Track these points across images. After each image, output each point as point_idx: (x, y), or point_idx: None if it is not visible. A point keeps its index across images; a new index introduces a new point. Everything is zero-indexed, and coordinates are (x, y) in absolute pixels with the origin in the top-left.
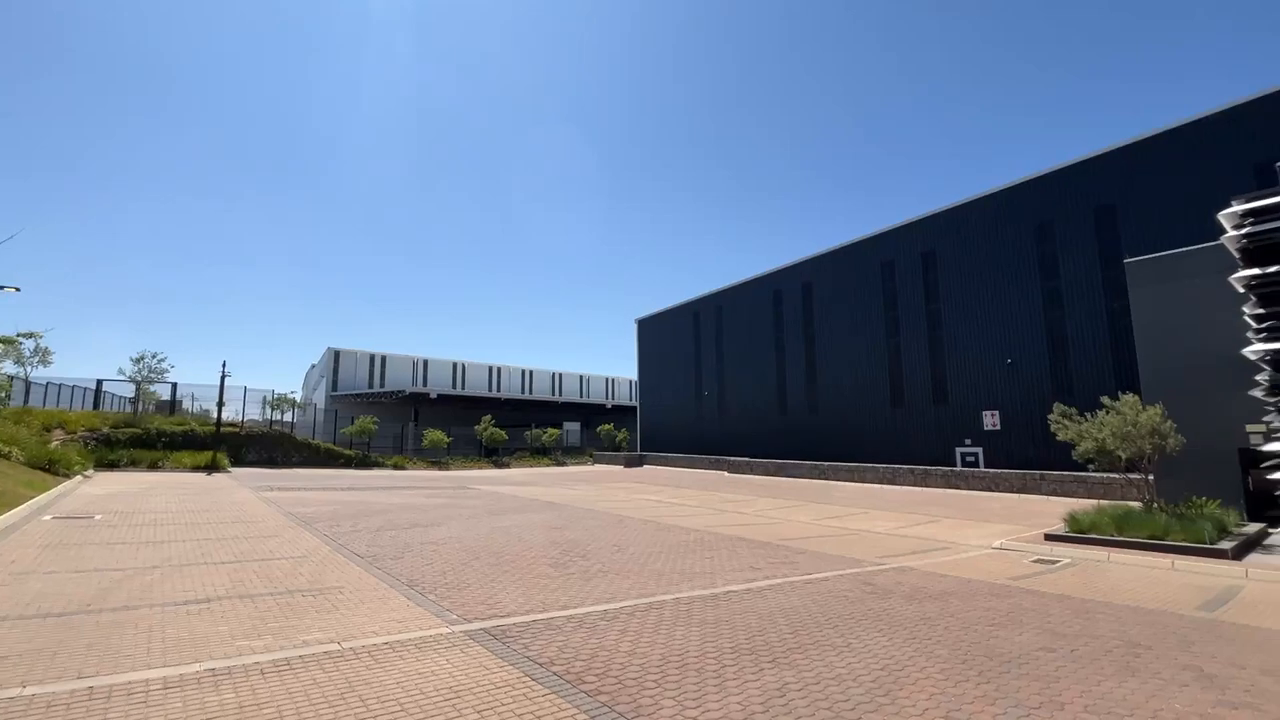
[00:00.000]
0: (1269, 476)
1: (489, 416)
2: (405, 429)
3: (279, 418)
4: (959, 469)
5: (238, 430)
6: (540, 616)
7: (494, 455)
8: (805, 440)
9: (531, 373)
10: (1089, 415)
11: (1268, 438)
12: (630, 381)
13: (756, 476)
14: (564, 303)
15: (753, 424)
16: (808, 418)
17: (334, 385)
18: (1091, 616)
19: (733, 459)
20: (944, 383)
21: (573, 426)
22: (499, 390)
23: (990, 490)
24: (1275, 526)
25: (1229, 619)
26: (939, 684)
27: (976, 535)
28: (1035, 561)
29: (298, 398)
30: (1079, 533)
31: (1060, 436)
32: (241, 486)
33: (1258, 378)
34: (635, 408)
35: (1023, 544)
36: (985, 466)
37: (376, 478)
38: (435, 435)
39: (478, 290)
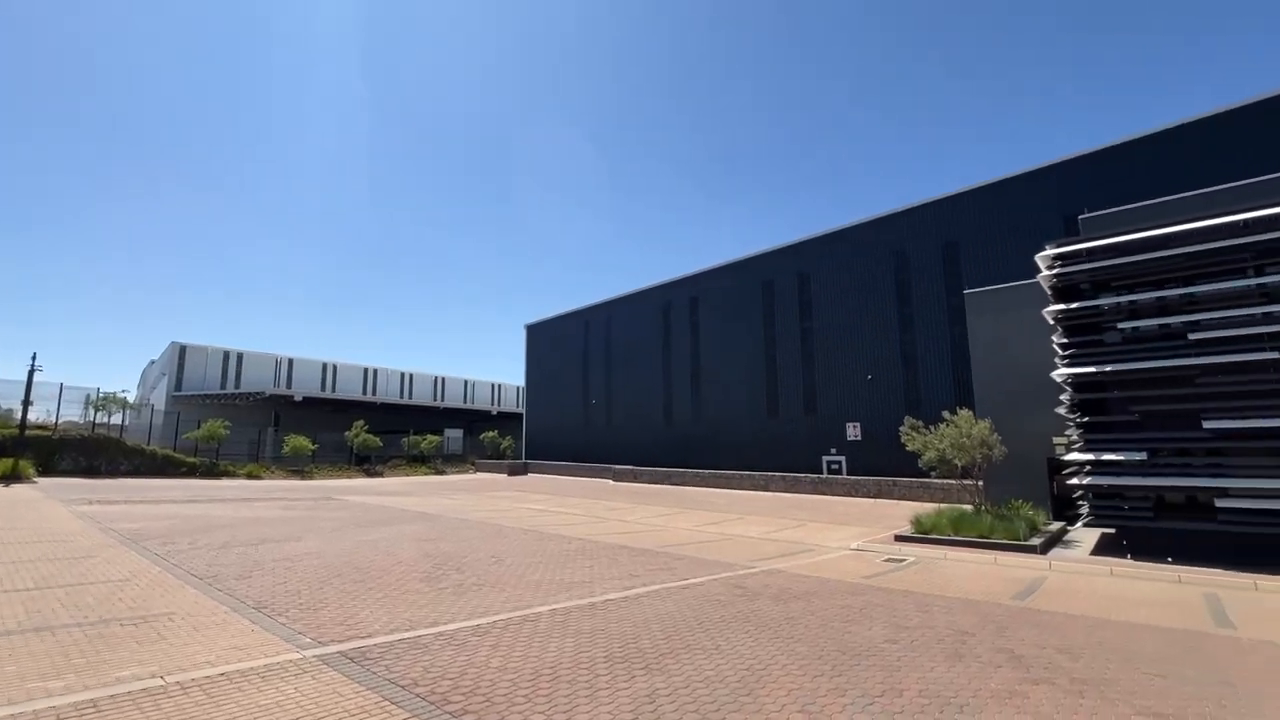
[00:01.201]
0: (1068, 482)
1: (361, 421)
2: (263, 435)
3: (105, 420)
4: (824, 476)
5: (49, 434)
6: (406, 635)
7: (366, 464)
8: (689, 449)
9: (411, 376)
10: (933, 428)
11: (1068, 449)
12: (517, 388)
13: (641, 484)
14: (452, 306)
15: (639, 433)
16: (692, 427)
17: (178, 384)
18: (929, 610)
19: (618, 467)
20: (814, 395)
21: (455, 433)
22: (374, 394)
23: (851, 495)
24: (1073, 524)
25: (1035, 606)
26: (797, 679)
27: (837, 537)
28: (886, 561)
29: (130, 398)
30: (922, 534)
31: (909, 446)
32: (50, 499)
33: (1062, 397)
34: (521, 415)
35: (876, 545)
36: (847, 474)
37: (225, 488)
38: (298, 441)
39: (364, 291)
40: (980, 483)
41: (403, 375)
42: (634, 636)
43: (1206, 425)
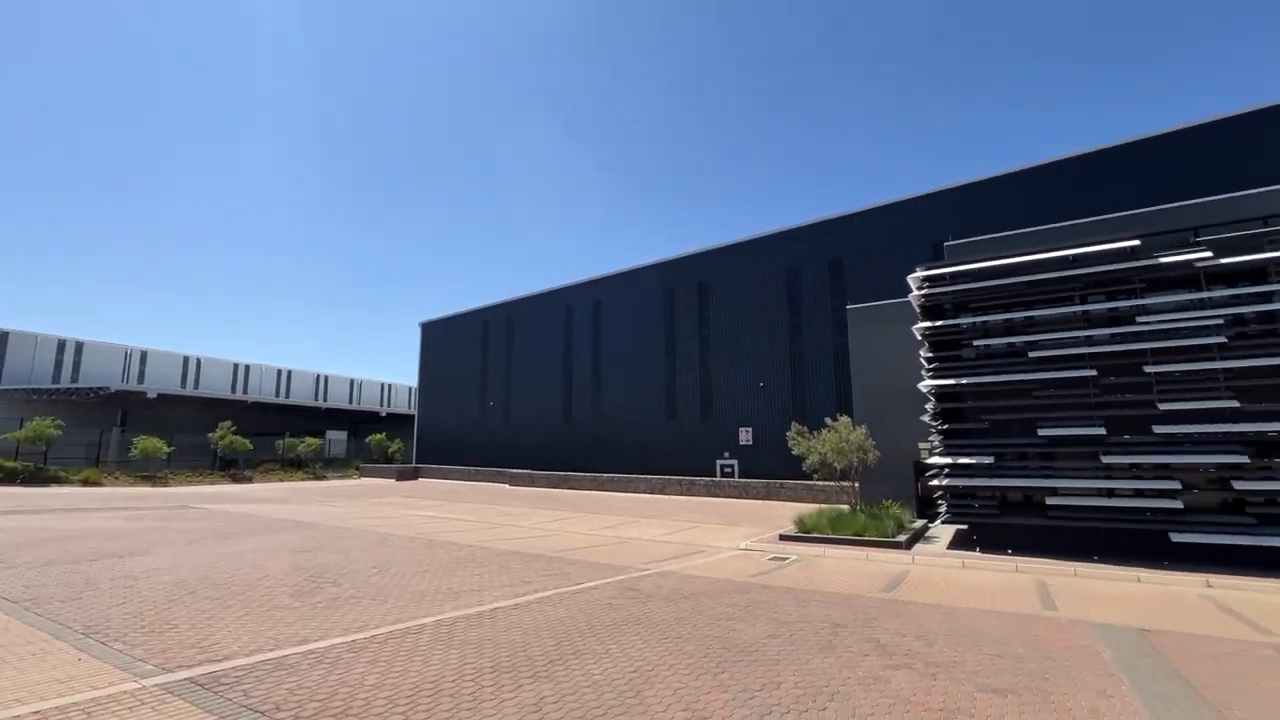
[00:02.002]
0: (930, 483)
1: (228, 422)
2: (106, 436)
3: None
4: (718, 479)
5: None
6: (270, 656)
7: (232, 468)
8: (590, 452)
9: (289, 373)
10: (817, 433)
11: (930, 453)
12: (410, 388)
13: (539, 489)
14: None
15: (539, 436)
16: (593, 430)
17: None
18: (808, 605)
19: (515, 471)
20: (710, 400)
21: (338, 436)
22: (245, 392)
23: (742, 497)
24: (933, 522)
25: (900, 597)
26: (683, 679)
27: (728, 538)
28: (771, 559)
29: None
30: (804, 533)
31: (795, 450)
32: None
33: (927, 406)
34: (413, 416)
35: (763, 544)
36: (739, 476)
37: (55, 496)
38: (149, 444)
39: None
40: (856, 484)
41: (279, 372)
42: (523, 645)
43: (1041, 433)
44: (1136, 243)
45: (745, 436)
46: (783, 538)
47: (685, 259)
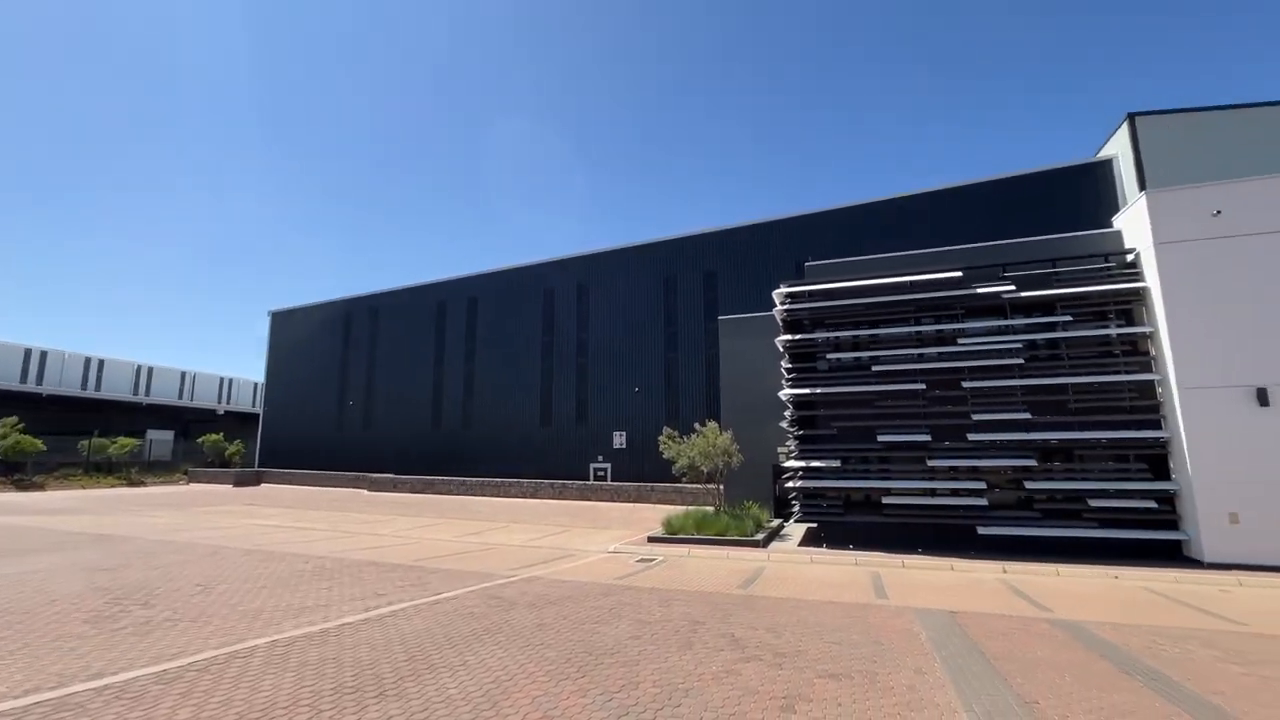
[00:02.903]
0: (786, 485)
1: (14, 419)
2: None
3: None
4: (591, 482)
5: None
6: (51, 695)
7: (17, 473)
8: (459, 456)
9: (102, 362)
10: (687, 438)
11: (787, 457)
12: (255, 384)
13: (403, 494)
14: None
15: (404, 439)
16: (463, 433)
17: None
18: (670, 604)
19: (376, 476)
20: (587, 404)
21: (162, 436)
22: (40, 383)
23: (614, 501)
24: (788, 521)
25: (755, 593)
26: (543, 685)
27: (598, 541)
28: (638, 561)
29: None
30: (671, 534)
31: (665, 454)
32: None
33: (785, 413)
34: (258, 415)
35: (631, 546)
36: (612, 480)
37: None
38: None
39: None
40: (721, 487)
41: (88, 361)
42: (371, 662)
43: (880, 439)
44: (959, 274)
45: (619, 440)
46: (651, 539)
47: (567, 260)
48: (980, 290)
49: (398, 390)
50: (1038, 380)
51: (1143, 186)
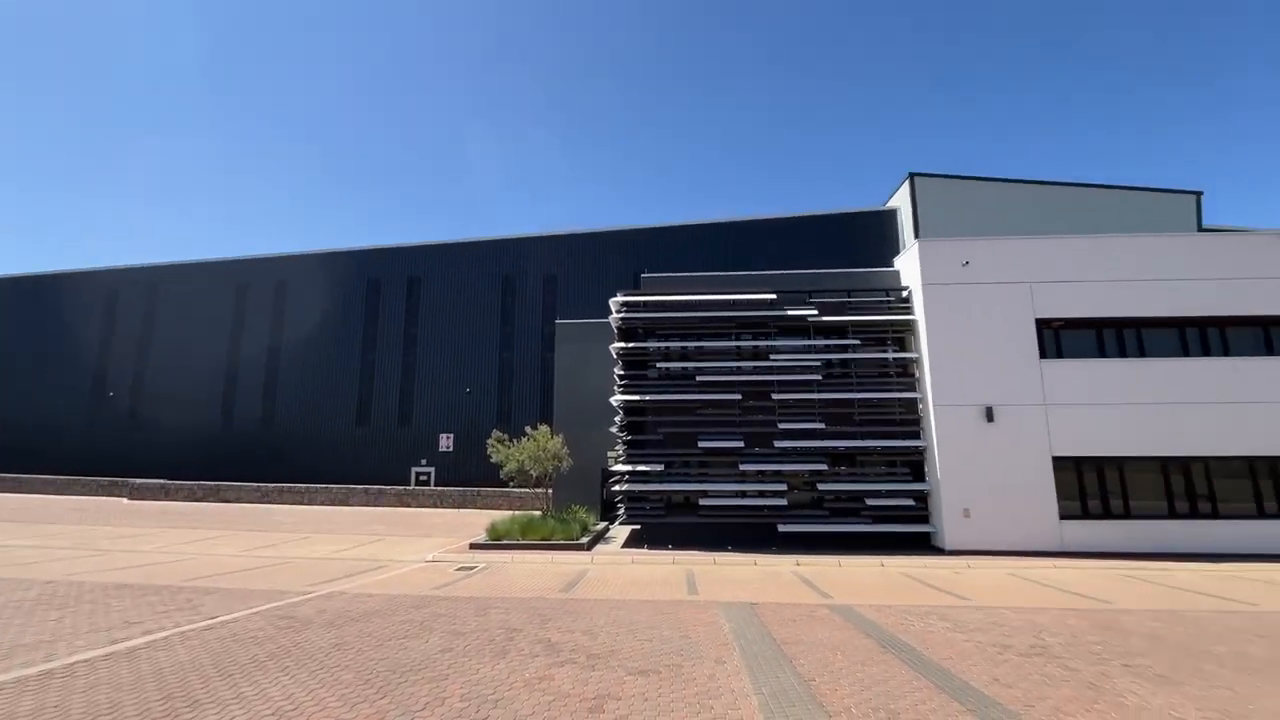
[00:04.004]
0: (613, 488)
1: None
2: None
3: None
4: (411, 488)
5: None
6: None
7: None
8: (256, 459)
9: None
10: (518, 440)
11: (616, 461)
12: None
13: (178, 503)
14: None
15: (184, 437)
16: (262, 433)
17: None
18: (488, 612)
19: (140, 482)
20: (411, 404)
21: None
22: None
23: (437, 506)
24: (613, 523)
25: (576, 596)
26: (334, 712)
27: (415, 550)
28: (459, 569)
29: None
30: (496, 540)
31: (494, 458)
32: None
33: (616, 418)
34: None
35: (452, 554)
36: (436, 484)
37: None
38: None
39: None
40: (550, 491)
41: None
42: (111, 706)
43: (700, 444)
44: (773, 296)
45: (446, 443)
46: (473, 546)
47: (396, 250)
48: (790, 312)
49: (178, 382)
50: (832, 395)
51: (917, 234)
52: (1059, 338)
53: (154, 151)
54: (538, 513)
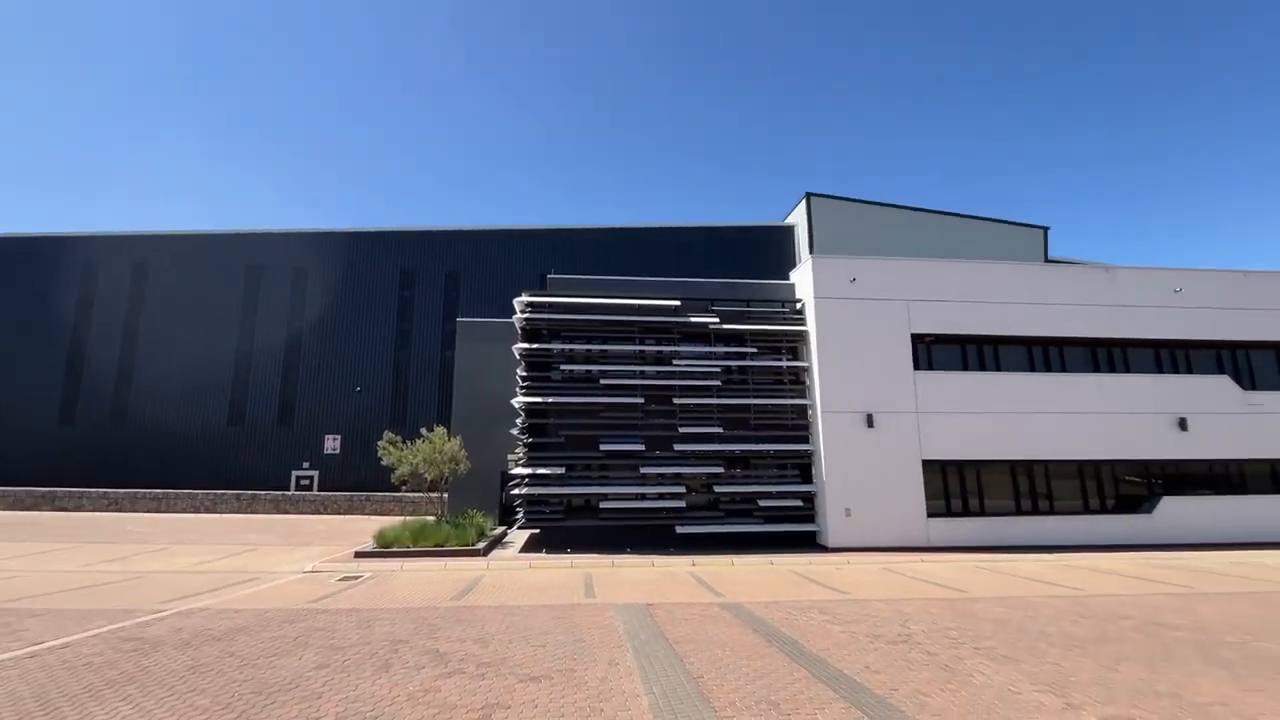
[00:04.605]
0: (513, 492)
1: None
2: None
3: None
4: (291, 493)
5: None
6: None
7: None
8: (104, 462)
9: None
10: (412, 443)
11: (516, 464)
12: None
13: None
14: None
15: (12, 439)
16: (111, 433)
17: None
18: (372, 625)
19: None
20: (293, 403)
21: None
22: None
23: (320, 513)
24: (511, 528)
25: (469, 603)
26: None
27: (293, 560)
28: (341, 580)
29: None
30: (385, 547)
31: (384, 461)
32: None
33: (517, 420)
34: None
35: (334, 564)
36: (319, 489)
37: None
38: None
39: None
40: (446, 495)
41: None
42: None
43: (602, 447)
44: (677, 303)
45: (332, 444)
46: (359, 555)
47: (280, 236)
48: (693, 319)
49: (10, 371)
50: (730, 400)
51: (812, 251)
52: (930, 351)
53: None
54: (431, 518)
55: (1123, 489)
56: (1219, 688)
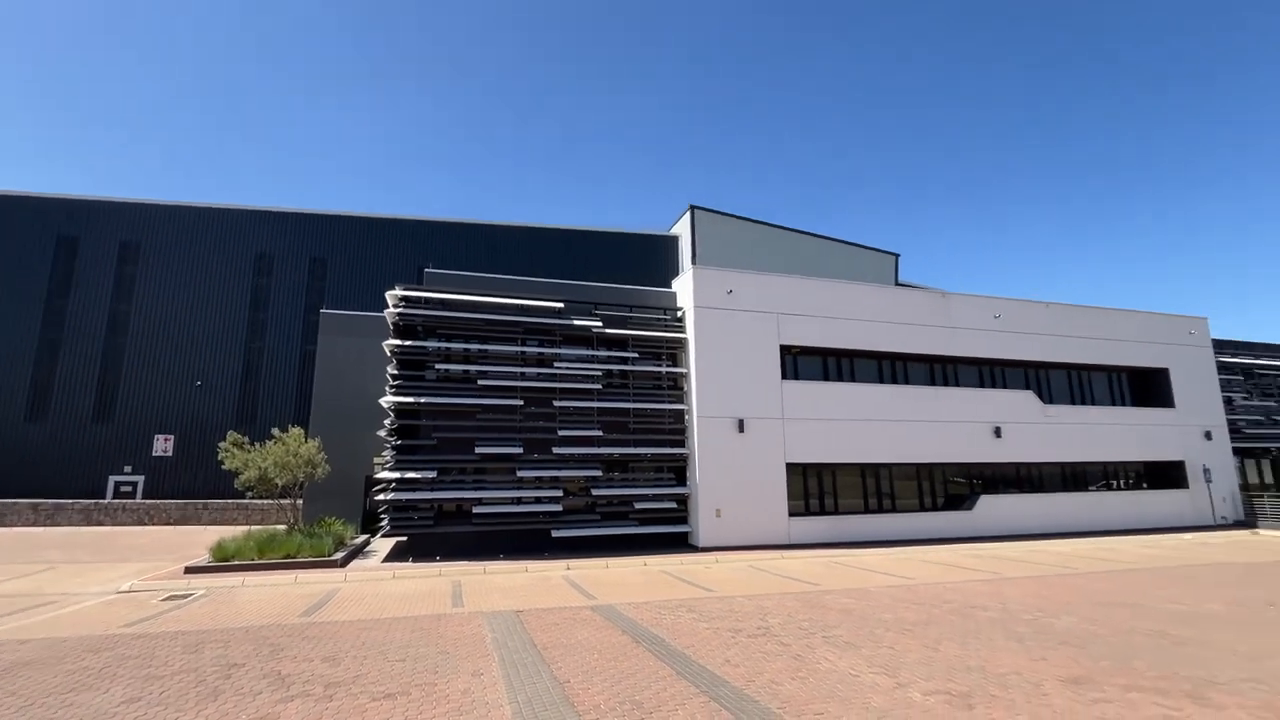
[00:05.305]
0: (378, 498)
1: None
2: None
3: None
4: (108, 501)
5: None
6: None
7: None
8: None
9: None
10: (262, 445)
11: (383, 468)
12: None
13: None
14: None
15: None
16: None
17: None
18: (201, 649)
19: None
20: (114, 397)
21: None
22: None
23: (144, 524)
24: (375, 536)
25: (321, 619)
26: None
27: (104, 579)
28: (166, 599)
29: None
30: (223, 560)
31: (227, 464)
32: None
33: (385, 421)
34: None
35: (158, 582)
36: (144, 497)
37: None
38: None
39: None
40: (300, 501)
41: None
42: None
43: (477, 450)
44: (561, 305)
45: (163, 446)
46: (191, 570)
47: (106, 205)
48: (576, 322)
49: None
50: (610, 404)
51: (694, 261)
52: (796, 362)
53: None
54: (282, 527)
55: (950, 489)
56: (1015, 659)
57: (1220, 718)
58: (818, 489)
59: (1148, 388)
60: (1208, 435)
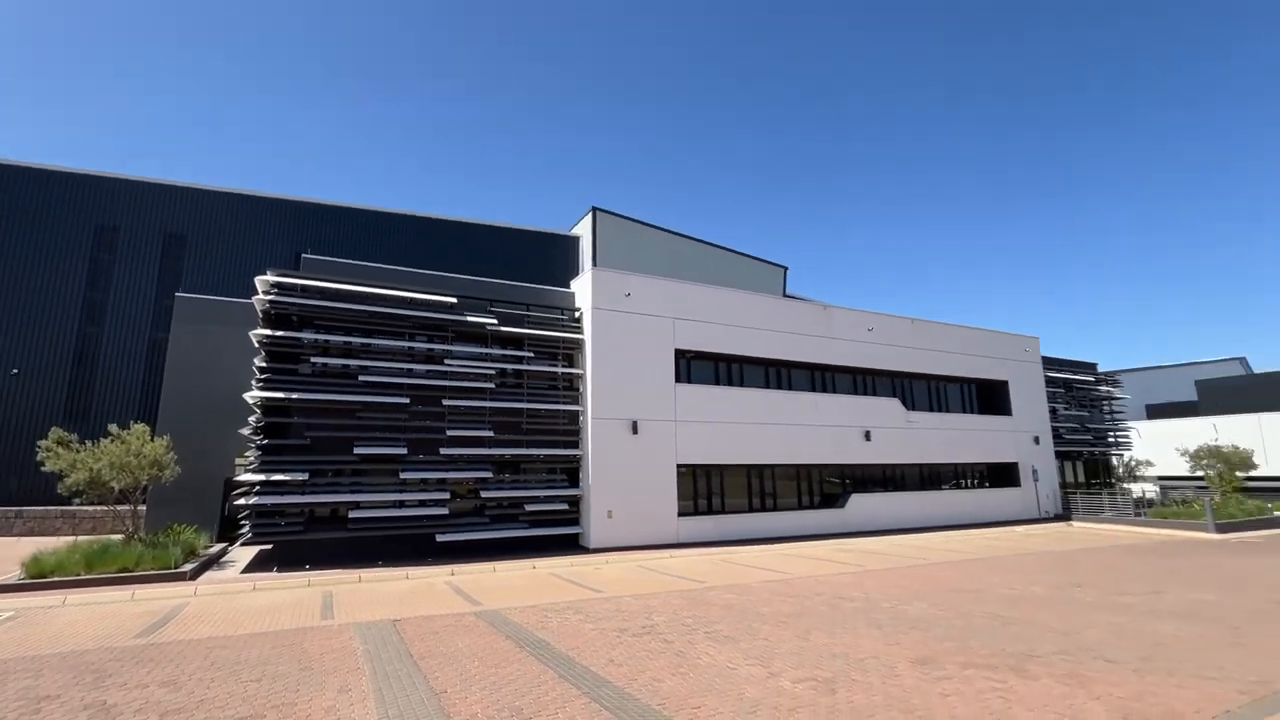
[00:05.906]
0: (238, 502)
1: None
2: None
3: None
4: None
5: None
6: None
7: None
8: None
9: None
10: (94, 444)
11: (246, 470)
12: None
13: None
14: None
15: None
16: None
17: None
18: (2, 683)
19: None
20: None
21: None
22: None
23: None
24: (234, 544)
25: (161, 639)
26: None
27: None
28: None
29: None
30: (40, 576)
31: (49, 466)
32: None
33: (250, 419)
34: None
35: None
36: None
37: None
38: None
39: None
40: (143, 507)
41: None
42: None
43: (356, 450)
44: (454, 300)
45: None
46: None
47: None
48: (470, 319)
49: None
50: (503, 404)
51: (595, 263)
52: (690, 366)
53: None
54: (119, 537)
55: (826, 488)
56: (874, 645)
57: (1035, 687)
58: (706, 489)
59: (991, 398)
60: (1036, 440)
